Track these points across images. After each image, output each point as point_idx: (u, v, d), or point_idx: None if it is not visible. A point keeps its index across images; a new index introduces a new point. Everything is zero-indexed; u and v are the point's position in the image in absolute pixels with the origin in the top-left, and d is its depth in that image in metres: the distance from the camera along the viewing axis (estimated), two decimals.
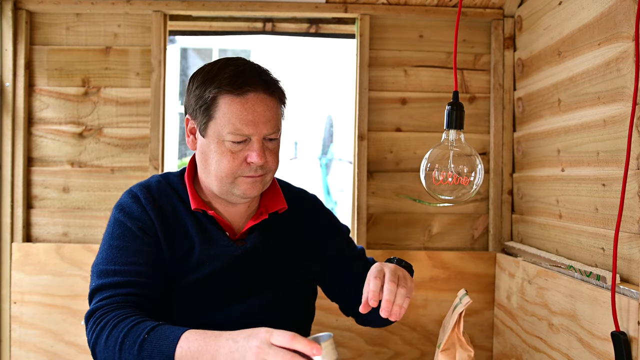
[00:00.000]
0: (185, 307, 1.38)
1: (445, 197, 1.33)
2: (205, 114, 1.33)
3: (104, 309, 1.25)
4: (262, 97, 1.33)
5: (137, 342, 1.15)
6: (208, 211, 1.39)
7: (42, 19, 2.20)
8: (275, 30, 2.31)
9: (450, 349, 1.31)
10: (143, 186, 1.43)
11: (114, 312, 1.23)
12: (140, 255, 1.33)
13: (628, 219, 1.39)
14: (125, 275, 1.30)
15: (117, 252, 1.34)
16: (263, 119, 1.32)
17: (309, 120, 9.26)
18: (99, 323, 1.22)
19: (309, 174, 8.86)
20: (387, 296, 1.21)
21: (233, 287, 1.40)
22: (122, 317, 1.21)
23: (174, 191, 1.43)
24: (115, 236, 1.36)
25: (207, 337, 1.11)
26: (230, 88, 1.31)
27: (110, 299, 1.27)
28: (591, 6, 1.58)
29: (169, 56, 2.24)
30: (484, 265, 2.20)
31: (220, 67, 1.35)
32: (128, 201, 1.39)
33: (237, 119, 1.30)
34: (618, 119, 1.45)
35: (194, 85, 1.37)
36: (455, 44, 1.38)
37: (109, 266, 1.32)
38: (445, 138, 1.33)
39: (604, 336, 1.40)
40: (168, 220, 1.38)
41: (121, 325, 1.19)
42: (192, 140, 1.40)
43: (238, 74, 1.32)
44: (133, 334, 1.17)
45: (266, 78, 1.35)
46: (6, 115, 2.15)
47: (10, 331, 2.13)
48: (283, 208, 1.48)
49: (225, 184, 1.35)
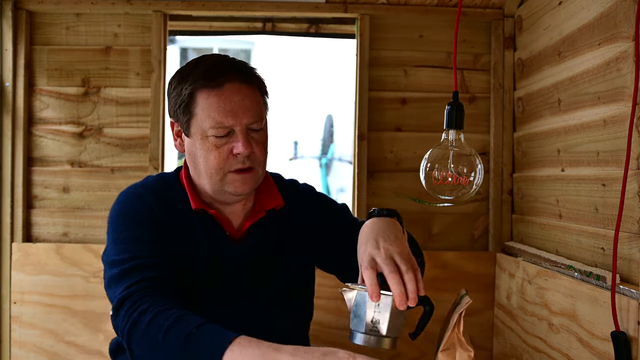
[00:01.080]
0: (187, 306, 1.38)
1: (445, 197, 1.33)
2: (185, 113, 1.33)
3: (139, 294, 1.18)
4: (238, 87, 1.32)
5: (184, 335, 1.08)
6: (208, 210, 1.39)
7: (42, 19, 2.19)
8: (275, 30, 2.31)
9: (450, 349, 1.31)
10: (142, 185, 1.42)
11: (152, 298, 1.17)
12: (155, 243, 1.30)
13: (628, 219, 1.39)
14: (149, 258, 1.25)
15: (131, 240, 1.30)
16: (242, 108, 1.31)
17: (309, 120, 9.26)
18: (135, 308, 1.15)
19: (309, 174, 8.85)
20: (396, 291, 1.12)
21: (235, 287, 1.40)
22: (166, 306, 1.15)
23: (174, 191, 1.42)
24: (123, 229, 1.32)
25: (265, 347, 1.04)
26: (205, 82, 1.30)
27: (140, 284, 1.20)
28: (591, 6, 1.58)
29: (169, 56, 2.24)
30: (484, 265, 2.20)
31: (193, 64, 1.35)
32: (131, 197, 1.39)
33: (215, 111, 1.30)
34: (618, 119, 1.45)
35: (172, 87, 1.37)
36: (455, 44, 1.38)
37: (128, 254, 1.26)
38: (445, 138, 1.33)
39: (604, 336, 1.40)
40: (171, 219, 1.37)
41: (167, 314, 1.12)
42: (180, 143, 1.40)
43: (211, 67, 1.32)
44: (181, 326, 1.10)
45: (241, 67, 1.34)
46: (6, 115, 2.15)
47: (10, 331, 2.13)
48: (279, 205, 1.46)
49: (216, 181, 1.34)
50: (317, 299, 1.62)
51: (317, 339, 2.10)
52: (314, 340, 2.10)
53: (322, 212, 1.55)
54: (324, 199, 1.59)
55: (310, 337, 1.67)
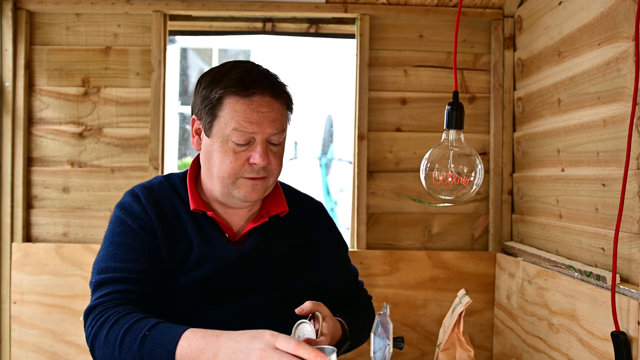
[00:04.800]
0: (182, 306, 1.38)
1: (445, 197, 1.33)
2: (210, 114, 1.34)
3: (104, 305, 1.26)
4: (268, 100, 1.33)
5: (138, 339, 1.15)
6: (207, 212, 1.40)
7: (42, 19, 2.20)
8: (275, 30, 2.31)
9: (450, 349, 1.31)
10: (144, 187, 1.44)
11: (114, 309, 1.24)
12: (139, 252, 1.34)
13: (628, 219, 1.39)
14: (124, 272, 1.31)
15: (117, 249, 1.35)
16: (268, 119, 1.32)
17: (309, 120, 9.26)
18: (98, 319, 1.23)
19: (309, 174, 8.85)
20: None
21: (230, 288, 1.41)
22: (123, 314, 1.22)
23: (175, 192, 1.44)
24: (116, 233, 1.37)
25: (208, 335, 1.12)
26: (237, 89, 1.31)
27: (109, 296, 1.28)
28: (591, 6, 1.58)
29: (169, 56, 2.24)
30: (484, 265, 2.20)
31: (228, 69, 1.36)
32: (129, 200, 1.40)
33: (241, 117, 1.31)
34: (618, 119, 1.45)
35: (201, 86, 1.38)
36: (455, 44, 1.38)
37: (109, 263, 1.33)
38: (445, 138, 1.33)
39: (604, 336, 1.40)
40: (167, 220, 1.39)
41: (122, 321, 1.19)
42: (197, 140, 1.41)
43: (245, 75, 1.33)
44: (134, 331, 1.17)
45: (273, 81, 1.36)
46: (6, 115, 2.15)
47: (10, 331, 2.13)
48: (284, 211, 1.47)
49: (227, 184, 1.35)
50: None
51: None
52: None
53: (329, 236, 1.59)
54: (334, 226, 1.62)
55: None
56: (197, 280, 1.38)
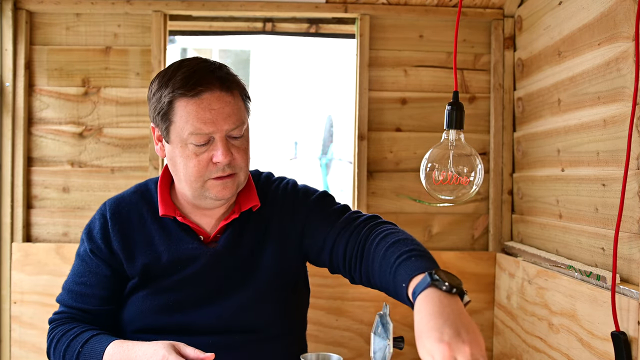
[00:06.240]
0: (162, 310, 1.40)
1: (445, 197, 1.33)
2: (164, 120, 1.32)
3: (55, 323, 1.45)
4: (218, 95, 1.30)
5: (74, 355, 1.35)
6: (177, 217, 1.40)
7: (42, 19, 2.19)
8: (275, 30, 2.31)
9: None
10: (114, 201, 1.48)
11: (60, 327, 1.42)
12: (91, 275, 1.43)
13: (628, 219, 1.39)
14: (75, 293, 1.44)
15: (75, 269, 1.47)
16: (222, 115, 1.29)
17: (309, 120, 9.27)
18: (51, 337, 1.43)
19: (309, 174, 8.86)
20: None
21: (208, 289, 1.41)
22: (63, 332, 1.40)
23: (147, 201, 1.45)
24: (79, 252, 1.48)
25: (126, 346, 1.30)
26: (184, 90, 1.28)
27: (60, 314, 1.46)
28: (591, 6, 1.58)
29: (169, 56, 2.23)
30: (484, 265, 2.20)
31: (173, 70, 1.33)
32: (94, 218, 1.48)
33: (195, 119, 1.28)
34: (618, 119, 1.45)
35: (151, 92, 1.36)
36: (455, 44, 1.38)
37: (67, 282, 1.47)
38: (445, 138, 1.33)
39: (604, 336, 1.40)
40: (131, 234, 1.42)
41: (63, 340, 1.38)
42: (161, 147, 1.40)
43: (190, 75, 1.29)
44: (72, 349, 1.36)
45: (220, 75, 1.32)
46: (6, 115, 2.15)
47: (10, 331, 2.13)
48: (256, 206, 1.44)
49: (196, 188, 1.34)
50: (317, 299, 1.62)
51: (317, 338, 2.10)
52: (314, 340, 2.10)
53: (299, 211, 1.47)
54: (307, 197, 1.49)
55: (309, 337, 1.67)
56: (174, 284, 1.40)
